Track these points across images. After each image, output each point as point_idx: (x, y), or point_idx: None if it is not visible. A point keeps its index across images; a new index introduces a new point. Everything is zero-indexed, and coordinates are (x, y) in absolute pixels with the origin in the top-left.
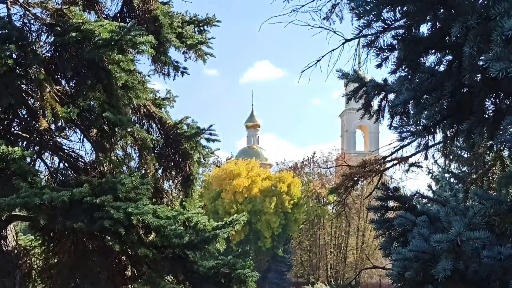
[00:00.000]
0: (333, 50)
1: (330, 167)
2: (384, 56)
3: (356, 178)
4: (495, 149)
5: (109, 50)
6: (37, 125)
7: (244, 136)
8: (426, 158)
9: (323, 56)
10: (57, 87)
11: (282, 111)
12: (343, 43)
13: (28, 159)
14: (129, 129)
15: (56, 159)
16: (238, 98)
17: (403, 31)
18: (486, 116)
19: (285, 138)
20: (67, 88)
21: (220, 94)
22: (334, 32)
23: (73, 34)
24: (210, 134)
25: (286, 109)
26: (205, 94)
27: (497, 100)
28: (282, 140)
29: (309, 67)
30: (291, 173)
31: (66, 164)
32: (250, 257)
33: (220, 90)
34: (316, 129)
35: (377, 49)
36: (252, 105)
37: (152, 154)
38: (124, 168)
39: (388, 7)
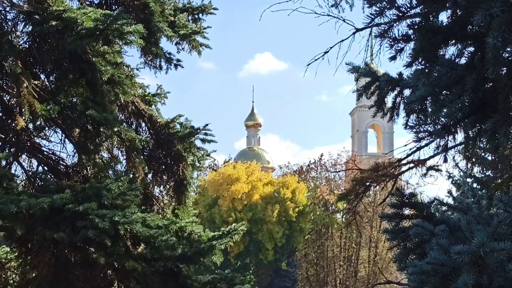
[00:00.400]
0: (342, 40)
1: (339, 171)
2: (399, 48)
3: (368, 183)
4: None
5: (94, 40)
6: (13, 124)
7: (244, 136)
8: (445, 161)
9: (331, 48)
10: (36, 82)
11: (286, 108)
12: (354, 33)
13: (4, 162)
14: (115, 129)
15: (35, 162)
16: (237, 94)
17: (419, 19)
18: None
19: (289, 139)
20: (47, 83)
21: (217, 89)
22: (344, 20)
23: (53, 23)
24: (206, 134)
25: (290, 107)
26: (200, 89)
27: None
28: (286, 141)
29: (315, 60)
30: (296, 178)
31: (45, 168)
32: (251, 271)
33: (217, 85)
34: (324, 129)
35: (391, 40)
36: (253, 102)
37: (141, 157)
38: (110, 172)
39: None
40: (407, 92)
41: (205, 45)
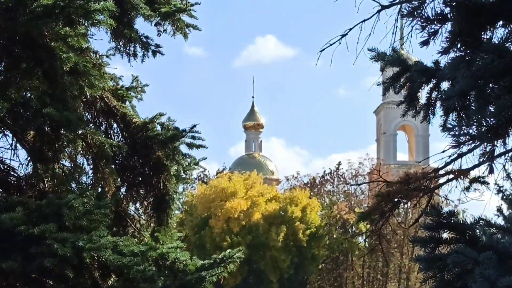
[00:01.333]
0: (364, 21)
1: (361, 184)
2: (432, 30)
3: (397, 199)
4: None
5: (52, 21)
6: None
7: (242, 140)
8: (492, 171)
9: (350, 29)
10: None
11: (294, 106)
12: (378, 12)
13: None
14: (79, 131)
15: None
16: (233, 87)
17: None
18: None
19: (298, 144)
20: None
21: (208, 82)
22: None
23: None
24: (194, 137)
25: (300, 104)
26: (186, 82)
27: None
28: (294, 147)
29: (331, 45)
30: (307, 192)
31: None
32: None
33: (207, 76)
34: (342, 131)
35: (422, 20)
36: (253, 97)
37: (112, 166)
38: (73, 185)
39: None
40: (445, 85)
41: (193, 26)
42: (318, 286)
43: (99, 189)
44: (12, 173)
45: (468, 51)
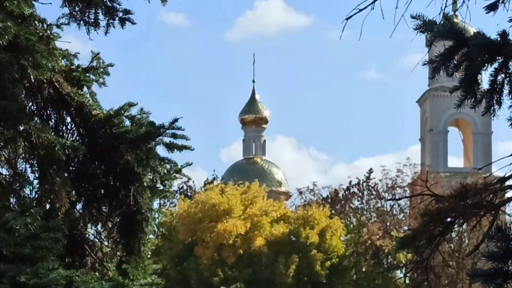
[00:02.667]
0: None
1: (399, 199)
2: None
3: (449, 219)
4: None
5: None
6: None
7: (239, 139)
8: None
9: None
10: None
11: (308, 93)
12: None
13: None
14: (20, 127)
15: None
16: (226, 68)
17: None
18: None
19: (314, 144)
20: None
21: (192, 60)
22: None
23: None
24: (175, 136)
25: (315, 90)
26: (164, 61)
27: None
28: (309, 148)
29: (360, 11)
30: (327, 210)
31: None
32: None
33: (191, 53)
34: (373, 128)
35: None
36: (253, 81)
37: (65, 174)
38: (12, 199)
39: None
40: None
41: None
42: None
43: (48, 206)
44: None
45: None
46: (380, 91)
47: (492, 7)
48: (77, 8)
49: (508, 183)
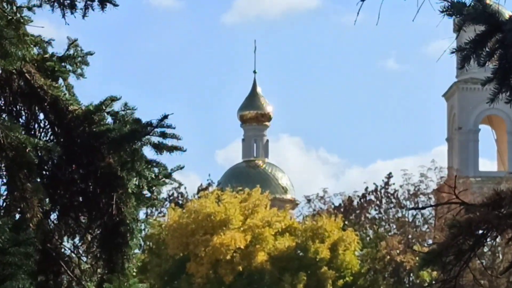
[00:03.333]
0: None
1: (423, 208)
2: None
3: (481, 232)
4: None
5: None
6: None
7: (238, 139)
8: None
9: None
10: None
11: (317, 86)
12: None
13: None
14: None
15: None
16: (222, 56)
17: None
18: None
19: (324, 145)
20: None
21: (184, 48)
22: None
23: None
24: (164, 135)
25: (326, 83)
26: (152, 49)
27: None
28: (318, 149)
29: None
30: (339, 221)
31: None
32: None
33: (183, 39)
34: (392, 126)
35: None
36: (254, 72)
37: (38, 179)
38: None
39: None
40: None
41: None
42: None
43: (17, 216)
44: None
45: None
46: (401, 83)
47: None
48: None
49: None
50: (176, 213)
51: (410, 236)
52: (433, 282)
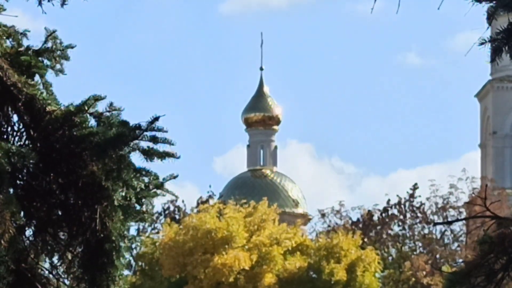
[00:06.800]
0: None
1: (452, 222)
2: None
3: None
4: None
5: None
6: None
7: (242, 146)
8: None
9: None
10: None
11: (331, 84)
12: None
13: None
14: None
15: None
16: (223, 50)
17: None
18: None
19: (339, 152)
20: None
21: (179, 41)
22: None
23: None
24: (155, 140)
25: (340, 80)
26: (141, 42)
27: None
28: (332, 157)
29: None
30: (358, 238)
31: None
32: None
33: (177, 30)
34: (416, 130)
35: None
36: (261, 69)
37: (11, 190)
38: None
39: None
40: None
41: None
42: None
43: None
44: None
45: None
46: (425, 81)
47: None
48: None
49: None
50: (172, 230)
51: (438, 256)
52: None
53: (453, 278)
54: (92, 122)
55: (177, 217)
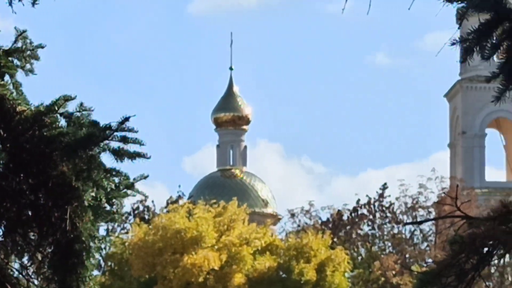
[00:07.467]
0: None
1: (421, 222)
2: None
3: (487, 249)
4: None
5: None
6: None
7: (211, 146)
8: None
9: None
10: None
11: (300, 84)
12: None
13: None
14: None
15: None
16: (193, 50)
17: None
18: None
19: (308, 152)
20: None
21: (147, 40)
22: None
23: None
24: (125, 140)
25: (310, 81)
26: (111, 41)
27: None
28: (301, 156)
29: None
30: (327, 238)
31: None
32: None
33: (146, 30)
34: (384, 131)
35: None
36: (231, 69)
37: None
38: None
39: None
40: None
41: None
42: None
43: None
44: None
45: None
46: (394, 81)
47: None
48: None
49: None
50: (141, 230)
51: (407, 255)
52: None
53: (424, 278)
54: (62, 122)
55: (146, 217)
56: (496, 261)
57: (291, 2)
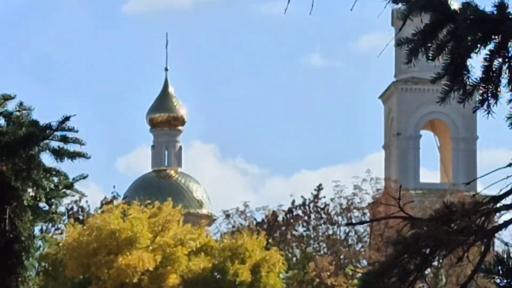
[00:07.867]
0: None
1: (357, 224)
2: None
3: (429, 250)
4: None
5: None
6: None
7: (146, 146)
8: None
9: None
10: None
11: (236, 84)
12: None
13: None
14: None
15: None
16: (127, 50)
17: None
18: None
19: (242, 153)
20: None
21: (83, 40)
22: None
23: None
24: (65, 139)
25: (245, 81)
26: (48, 41)
27: None
28: (236, 157)
29: None
30: (262, 239)
31: None
32: None
33: (81, 30)
34: (318, 132)
35: None
36: (166, 69)
37: None
38: None
39: None
40: None
41: None
42: None
43: None
44: None
45: None
46: (329, 82)
47: None
48: None
49: (504, 202)
50: (76, 230)
51: (342, 256)
52: None
53: (366, 279)
54: (2, 121)
55: (80, 217)
56: (439, 260)
57: (226, 3)
